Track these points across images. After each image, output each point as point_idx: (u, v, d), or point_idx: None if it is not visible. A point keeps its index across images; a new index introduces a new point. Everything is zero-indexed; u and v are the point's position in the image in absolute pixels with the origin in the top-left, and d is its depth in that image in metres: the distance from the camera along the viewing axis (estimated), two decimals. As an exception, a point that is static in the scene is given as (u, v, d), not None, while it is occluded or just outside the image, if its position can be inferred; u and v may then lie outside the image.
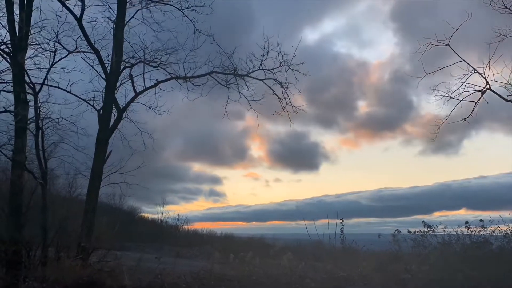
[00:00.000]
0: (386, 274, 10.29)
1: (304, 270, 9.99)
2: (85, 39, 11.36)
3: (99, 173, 11.45)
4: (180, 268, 10.00)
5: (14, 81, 10.88)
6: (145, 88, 12.31)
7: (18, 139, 10.70)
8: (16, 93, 10.86)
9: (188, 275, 9.05)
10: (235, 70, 12.40)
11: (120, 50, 11.82)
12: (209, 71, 12.41)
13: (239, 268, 9.70)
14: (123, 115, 12.05)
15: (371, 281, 9.32)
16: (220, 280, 8.79)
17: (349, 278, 9.81)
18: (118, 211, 29.79)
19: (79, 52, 11.82)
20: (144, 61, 12.19)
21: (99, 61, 11.71)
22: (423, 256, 11.02)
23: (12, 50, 10.92)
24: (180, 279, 8.77)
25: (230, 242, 31.58)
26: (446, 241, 11.12)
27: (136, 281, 8.42)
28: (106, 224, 12.81)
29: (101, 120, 11.69)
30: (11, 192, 10.60)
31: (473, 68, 10.88)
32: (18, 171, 10.65)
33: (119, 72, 11.97)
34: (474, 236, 10.86)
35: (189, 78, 12.42)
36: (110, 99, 11.73)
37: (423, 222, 11.59)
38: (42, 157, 11.49)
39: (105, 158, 11.59)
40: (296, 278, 9.25)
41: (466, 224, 11.04)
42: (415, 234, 11.62)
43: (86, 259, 9.98)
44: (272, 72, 12.40)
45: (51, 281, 8.07)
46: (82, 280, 8.19)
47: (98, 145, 11.52)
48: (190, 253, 25.31)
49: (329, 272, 10.32)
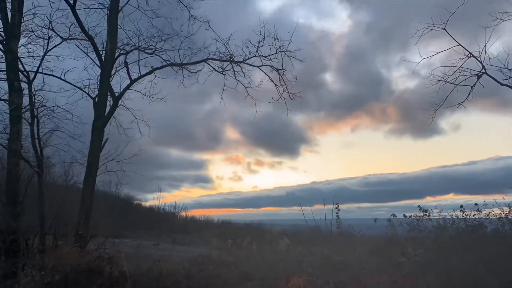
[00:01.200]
0: (382, 257, 10.42)
1: (301, 255, 10.09)
2: (79, 26, 11.23)
3: (96, 161, 11.43)
4: (178, 254, 10.08)
5: (8, 69, 10.79)
6: (140, 75, 12.24)
7: (14, 128, 10.65)
8: (10, 81, 10.78)
9: (186, 261, 9.13)
10: (231, 57, 12.34)
11: (115, 37, 11.71)
12: (204, 58, 12.35)
13: (237, 253, 9.79)
14: (118, 102, 11.99)
15: (368, 264, 9.42)
16: (218, 266, 8.88)
17: (346, 262, 9.92)
18: (115, 199, 29.84)
19: (73, 40, 11.69)
20: (139, 48, 12.08)
21: (93, 48, 11.60)
22: (419, 240, 11.15)
23: (5, 38, 10.80)
24: (178, 265, 8.84)
25: (228, 228, 31.78)
26: (441, 225, 11.24)
27: (135, 267, 8.47)
28: (104, 212, 12.83)
29: (97, 108, 11.64)
30: (8, 181, 10.59)
31: (469, 52, 10.88)
32: (14, 159, 10.62)
33: (114, 60, 11.88)
34: (469, 220, 10.99)
35: (184, 65, 12.35)
36: (105, 86, 11.66)
37: (418, 206, 11.70)
38: (38, 146, 11.45)
39: (101, 146, 11.57)
40: (293, 262, 9.35)
41: (461, 208, 11.15)
42: (411, 219, 11.74)
43: (84, 247, 10.03)
44: (268, 59, 12.36)
45: (50, 269, 8.10)
46: (80, 267, 8.23)
47: (94, 133, 11.48)
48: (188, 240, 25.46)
49: (326, 256, 10.42)
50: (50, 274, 7.87)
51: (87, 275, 8.13)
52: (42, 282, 7.70)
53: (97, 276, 8.11)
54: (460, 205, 11.18)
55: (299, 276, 8.11)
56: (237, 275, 8.41)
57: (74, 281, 7.99)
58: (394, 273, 8.67)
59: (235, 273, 8.51)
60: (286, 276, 8.21)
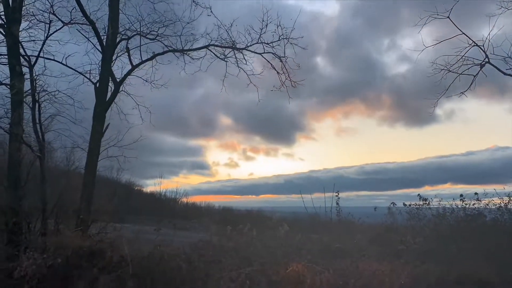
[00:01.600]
0: (381, 245, 10.51)
1: (301, 242, 10.16)
2: (80, 11, 11.14)
3: (97, 146, 11.44)
4: (179, 239, 10.14)
5: (9, 54, 10.75)
6: (142, 61, 12.17)
7: (15, 112, 10.65)
8: (11, 65, 10.75)
9: (187, 246, 9.20)
10: (233, 44, 12.26)
11: (116, 22, 11.63)
12: (206, 44, 12.28)
13: (237, 239, 9.85)
14: (120, 88, 11.97)
15: (367, 252, 9.50)
16: (219, 251, 8.94)
17: (345, 249, 9.99)
18: (117, 184, 29.94)
19: (74, 24, 11.63)
20: (140, 34, 12.01)
21: (94, 33, 11.52)
22: (418, 229, 11.24)
23: (6, 22, 10.74)
24: (179, 250, 8.91)
25: (228, 214, 31.91)
26: (441, 213, 11.32)
27: (136, 252, 8.55)
28: (105, 197, 12.90)
29: (98, 93, 11.61)
30: (9, 165, 10.63)
31: (472, 41, 10.82)
32: (15, 144, 10.64)
33: (115, 45, 11.81)
34: (468, 209, 11.06)
35: (186, 51, 12.28)
36: (106, 71, 11.62)
37: (418, 195, 11.78)
38: (39, 130, 11.47)
39: (103, 131, 11.58)
40: (293, 249, 9.42)
41: (461, 197, 11.22)
42: (410, 207, 11.82)
43: (85, 231, 10.12)
44: (271, 46, 12.29)
45: (52, 252, 8.18)
46: (82, 251, 8.32)
47: (95, 119, 11.47)
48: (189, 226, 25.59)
49: (325, 243, 10.50)
50: (52, 257, 7.95)
51: (88, 258, 8.21)
52: (44, 265, 7.78)
53: (98, 260, 8.19)
54: (460, 194, 11.26)
55: (298, 262, 8.19)
56: (237, 260, 8.48)
57: (76, 264, 8.08)
58: (393, 261, 8.74)
59: (235, 258, 8.58)
60: (285, 262, 8.29)
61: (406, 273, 8.03)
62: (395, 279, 7.85)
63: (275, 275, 7.87)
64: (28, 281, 7.58)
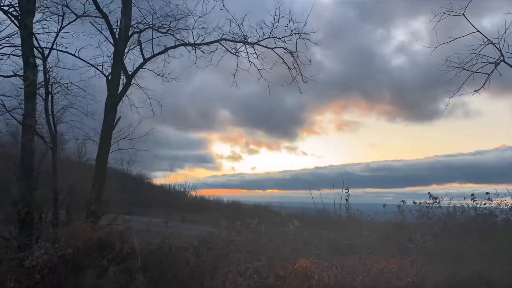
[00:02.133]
0: (390, 242, 10.46)
1: (309, 237, 10.16)
2: (94, 3, 11.21)
3: (108, 138, 11.54)
4: (188, 232, 10.21)
5: (23, 45, 10.83)
6: (154, 54, 12.22)
7: (28, 103, 10.75)
8: (25, 57, 10.83)
9: (196, 240, 9.25)
10: (245, 38, 12.24)
11: (129, 15, 11.67)
12: (218, 38, 12.28)
13: (245, 233, 9.89)
14: (131, 81, 12.04)
15: (375, 249, 9.47)
16: (227, 245, 8.97)
17: (353, 246, 9.98)
18: (127, 177, 30.19)
19: (87, 17, 11.70)
20: (153, 27, 12.04)
21: (107, 26, 11.58)
22: (428, 227, 11.15)
23: (20, 13, 10.83)
24: (187, 243, 8.96)
25: (237, 209, 32.02)
26: (451, 212, 11.22)
27: (145, 244, 8.63)
28: (115, 189, 13.03)
29: (110, 86, 11.69)
30: (22, 155, 10.75)
31: (487, 39, 10.65)
32: (28, 135, 10.75)
33: (127, 38, 11.87)
34: (479, 208, 10.94)
35: (198, 45, 12.30)
36: (118, 64, 11.68)
37: (428, 193, 11.69)
38: (52, 122, 11.59)
39: (114, 124, 11.66)
40: (301, 244, 9.43)
41: (472, 197, 11.10)
42: (420, 205, 11.73)
43: (95, 222, 10.23)
44: (282, 41, 12.23)
45: (63, 242, 8.29)
46: (92, 242, 8.41)
47: (107, 111, 11.56)
48: (197, 219, 25.73)
49: (334, 239, 10.50)
50: (63, 247, 8.06)
51: (98, 249, 8.30)
52: (55, 255, 7.89)
53: (108, 251, 8.27)
54: (471, 193, 11.14)
55: (306, 258, 8.20)
56: (245, 254, 8.51)
57: (86, 254, 8.17)
58: (401, 259, 8.70)
59: (243, 252, 8.61)
60: (293, 258, 8.30)
61: (414, 271, 8.00)
62: (403, 277, 7.82)
63: (283, 270, 7.88)
64: (39, 271, 7.69)
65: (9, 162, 11.11)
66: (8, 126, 11.83)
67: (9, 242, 9.00)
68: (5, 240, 9.15)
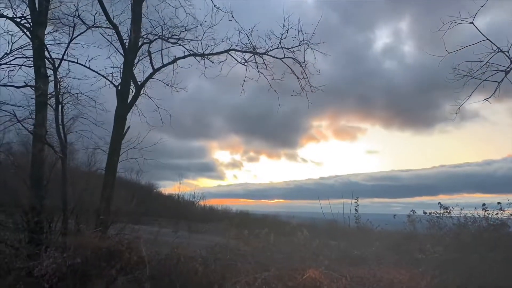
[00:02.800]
0: (400, 253, 10.33)
1: (318, 248, 10.07)
2: (104, 14, 11.38)
3: (117, 148, 11.62)
4: (196, 242, 10.20)
5: (35, 56, 11.03)
6: (163, 64, 12.33)
7: (39, 113, 10.91)
8: (36, 67, 11.03)
9: (204, 249, 9.22)
10: (254, 48, 12.30)
11: (139, 25, 11.82)
12: (227, 49, 12.35)
13: (254, 244, 9.83)
14: (141, 91, 12.14)
15: (385, 259, 9.36)
16: (235, 255, 8.93)
17: (363, 256, 9.87)
18: (136, 186, 30.29)
19: (97, 28, 11.89)
20: (162, 38, 12.16)
21: (117, 37, 11.74)
22: (438, 237, 11.00)
23: (32, 25, 11.03)
24: (196, 253, 8.94)
25: (245, 218, 31.94)
26: (462, 222, 11.06)
27: (153, 253, 8.63)
28: (124, 198, 13.06)
29: (119, 96, 11.80)
30: (32, 165, 10.88)
31: (497, 47, 10.58)
32: (39, 144, 10.89)
33: (137, 48, 12.00)
34: (491, 219, 10.78)
35: (207, 55, 12.38)
36: (128, 75, 11.80)
37: (439, 203, 11.54)
38: (62, 132, 11.70)
39: (123, 133, 11.74)
40: (310, 255, 9.35)
41: (483, 207, 10.95)
42: (430, 215, 11.59)
43: (104, 232, 10.25)
44: (291, 51, 12.27)
45: (72, 251, 8.32)
46: (101, 251, 8.43)
47: (116, 121, 11.66)
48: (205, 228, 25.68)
49: (343, 250, 10.39)
50: (72, 256, 8.08)
51: (107, 258, 8.31)
52: (63, 264, 7.91)
53: (117, 260, 8.28)
54: (482, 203, 10.99)
55: (315, 269, 8.12)
56: (254, 265, 8.46)
57: (94, 264, 8.19)
58: (411, 270, 8.58)
59: (251, 263, 8.56)
60: (302, 268, 8.22)
61: (425, 283, 7.88)
62: (413, 288, 7.71)
63: (292, 281, 7.81)
64: (48, 280, 7.72)
65: (19, 172, 11.19)
66: (19, 135, 11.96)
67: (18, 251, 9.06)
68: (15, 249, 9.21)
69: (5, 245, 9.43)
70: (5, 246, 9.38)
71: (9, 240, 9.75)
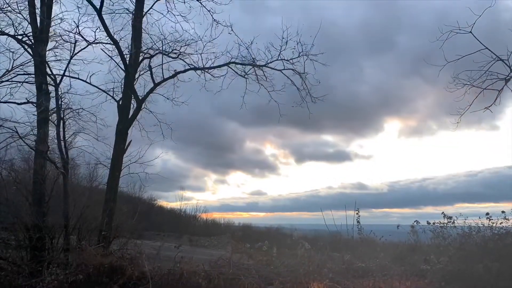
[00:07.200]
0: (404, 265, 10.25)
1: (322, 260, 10.01)
2: (105, 30, 11.43)
3: (119, 163, 11.62)
4: (199, 257, 10.14)
5: (36, 73, 11.10)
6: (164, 79, 12.37)
7: (41, 129, 10.94)
8: (38, 84, 11.08)
9: (207, 264, 9.16)
10: (254, 61, 12.37)
11: (139, 41, 11.91)
12: (227, 62, 12.42)
13: (257, 257, 9.78)
14: (142, 105, 12.17)
15: (389, 271, 9.28)
16: (238, 269, 8.87)
17: (367, 268, 9.79)
18: (138, 201, 30.20)
19: (98, 43, 11.94)
20: (163, 52, 12.23)
21: (118, 52, 11.79)
22: (443, 248, 10.92)
23: (34, 42, 11.12)
24: (198, 267, 8.88)
25: (248, 231, 31.78)
26: (466, 232, 10.99)
27: (156, 268, 8.57)
28: (126, 213, 13.00)
29: (121, 111, 11.84)
30: (34, 181, 10.86)
31: (496, 56, 10.64)
32: (40, 160, 10.90)
33: (138, 63, 12.07)
34: (495, 228, 10.70)
35: (207, 69, 12.44)
36: (129, 90, 11.84)
37: (442, 213, 11.47)
38: (64, 147, 11.69)
39: (125, 148, 11.75)
40: (314, 267, 9.28)
41: (487, 216, 10.88)
42: (434, 226, 11.52)
43: (107, 247, 10.20)
44: (291, 63, 12.33)
45: (74, 268, 8.28)
46: (103, 267, 8.38)
47: (118, 136, 11.67)
48: (208, 242, 25.57)
49: (347, 262, 10.32)
50: (74, 273, 8.04)
51: (109, 274, 8.26)
52: (66, 281, 7.87)
53: (119, 276, 8.23)
54: (486, 212, 10.92)
55: (319, 282, 8.05)
56: (257, 278, 8.40)
57: (97, 280, 8.13)
58: (416, 281, 8.51)
59: (255, 276, 8.50)
60: (306, 282, 8.15)
61: (431, 294, 7.81)
62: (419, 300, 7.64)
63: (296, 294, 7.74)
64: (50, 297, 7.66)
65: (21, 188, 11.18)
66: (21, 152, 11.96)
67: (20, 269, 9.01)
68: (17, 266, 9.16)
69: (7, 262, 9.39)
70: (7, 263, 9.33)
71: (11, 257, 9.71)
